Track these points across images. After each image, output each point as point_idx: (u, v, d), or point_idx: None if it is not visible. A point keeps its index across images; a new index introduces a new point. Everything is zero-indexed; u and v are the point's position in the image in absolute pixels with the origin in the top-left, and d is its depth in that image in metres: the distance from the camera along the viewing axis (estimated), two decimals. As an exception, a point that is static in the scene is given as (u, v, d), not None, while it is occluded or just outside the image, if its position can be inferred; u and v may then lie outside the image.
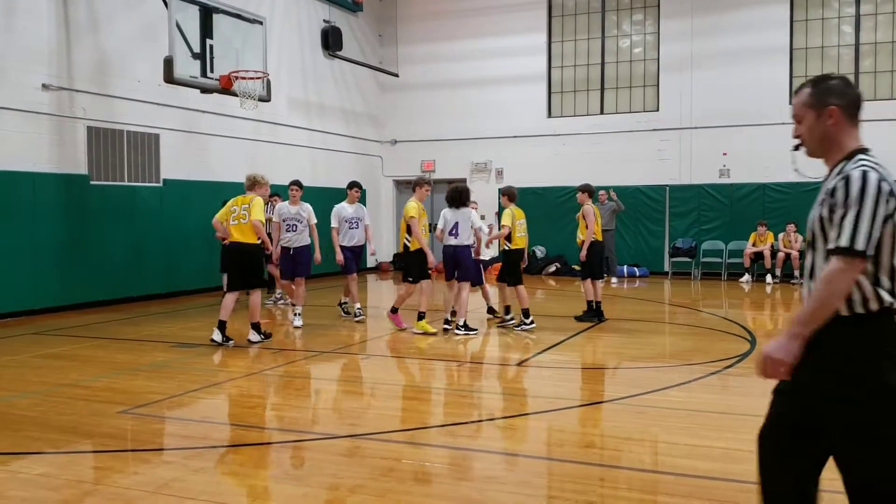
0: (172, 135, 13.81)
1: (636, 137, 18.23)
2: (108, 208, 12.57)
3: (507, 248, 10.40)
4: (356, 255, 11.19)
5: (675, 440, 5.25)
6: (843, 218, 2.48)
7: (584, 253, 10.71)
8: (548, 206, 18.78)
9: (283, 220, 10.58)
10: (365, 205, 19.56)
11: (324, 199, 17.21)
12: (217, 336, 8.90)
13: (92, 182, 12.33)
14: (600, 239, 10.95)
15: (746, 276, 16.49)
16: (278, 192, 13.12)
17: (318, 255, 10.68)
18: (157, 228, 13.49)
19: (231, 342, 8.91)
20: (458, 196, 10.07)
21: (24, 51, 11.27)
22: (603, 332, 9.98)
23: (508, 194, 10.59)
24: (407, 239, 10.00)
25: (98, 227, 12.36)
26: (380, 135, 20.62)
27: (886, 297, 2.49)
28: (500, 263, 10.87)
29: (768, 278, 16.23)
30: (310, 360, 8.33)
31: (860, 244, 2.42)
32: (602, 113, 18.98)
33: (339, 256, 10.75)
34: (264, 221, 8.97)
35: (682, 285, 16.23)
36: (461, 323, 9.69)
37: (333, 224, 10.88)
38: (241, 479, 4.49)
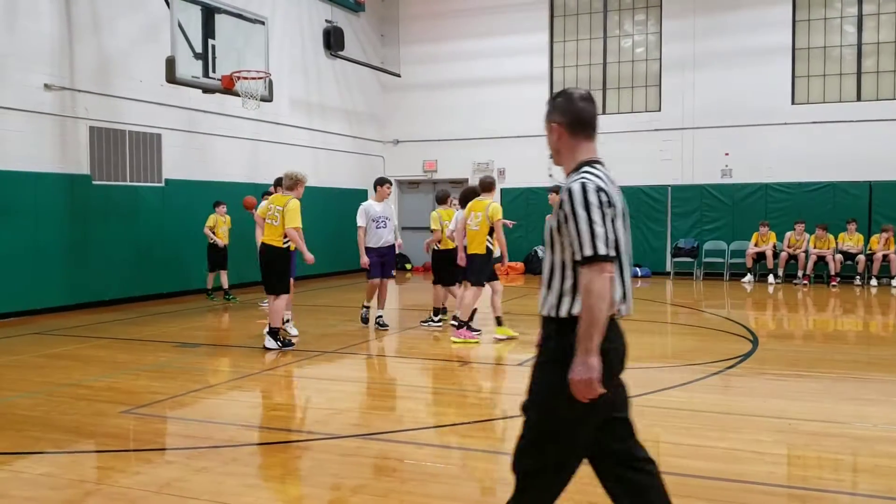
0: (174, 135, 13.81)
1: (638, 137, 18.21)
2: (110, 208, 12.58)
3: (436, 248, 10.39)
4: (384, 257, 10.26)
5: (676, 440, 5.24)
6: (577, 230, 2.65)
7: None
8: (549, 207, 18.71)
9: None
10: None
11: (326, 200, 17.25)
12: (270, 343, 8.52)
13: (94, 182, 12.34)
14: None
15: (749, 277, 16.47)
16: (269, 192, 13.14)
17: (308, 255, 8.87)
18: (159, 228, 13.50)
19: (290, 346, 8.70)
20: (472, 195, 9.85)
21: (26, 51, 11.28)
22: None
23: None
24: (490, 241, 9.30)
25: (100, 227, 12.37)
26: (381, 135, 20.62)
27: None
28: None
29: (770, 278, 16.21)
30: (312, 360, 8.33)
31: (602, 249, 2.61)
32: (604, 113, 18.94)
33: (364, 259, 10.04)
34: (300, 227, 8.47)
35: (684, 285, 16.22)
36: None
37: (360, 223, 10.10)
38: (243, 479, 4.49)
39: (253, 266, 13.80)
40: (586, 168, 2.84)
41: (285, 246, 8.58)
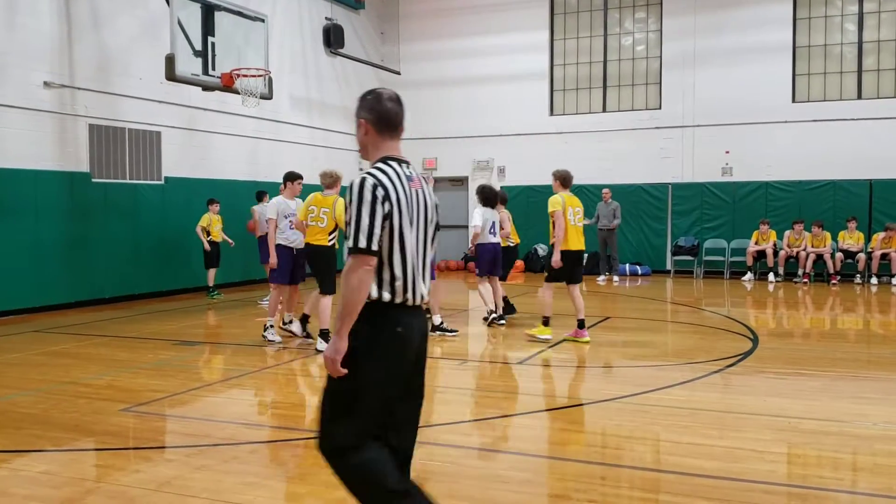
0: (174, 132, 13.80)
1: (638, 135, 18.20)
2: (109, 206, 12.58)
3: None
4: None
5: (677, 439, 5.24)
6: (349, 221, 2.89)
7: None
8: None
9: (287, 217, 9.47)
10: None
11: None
12: (322, 346, 8.31)
13: (94, 180, 12.33)
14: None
15: (749, 275, 16.46)
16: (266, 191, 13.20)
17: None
18: (159, 226, 13.49)
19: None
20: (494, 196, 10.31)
21: (25, 48, 11.26)
22: (605, 331, 9.96)
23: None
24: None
25: (100, 225, 12.37)
26: (382, 133, 20.57)
27: (374, 290, 2.91)
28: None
29: (771, 277, 16.20)
30: (312, 357, 8.32)
31: (362, 242, 2.84)
32: (604, 111, 18.95)
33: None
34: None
35: (684, 284, 16.21)
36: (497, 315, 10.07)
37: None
38: (242, 478, 4.48)
39: (254, 265, 13.81)
40: (378, 164, 3.04)
41: (330, 244, 8.62)
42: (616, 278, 16.61)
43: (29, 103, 11.30)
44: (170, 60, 10.96)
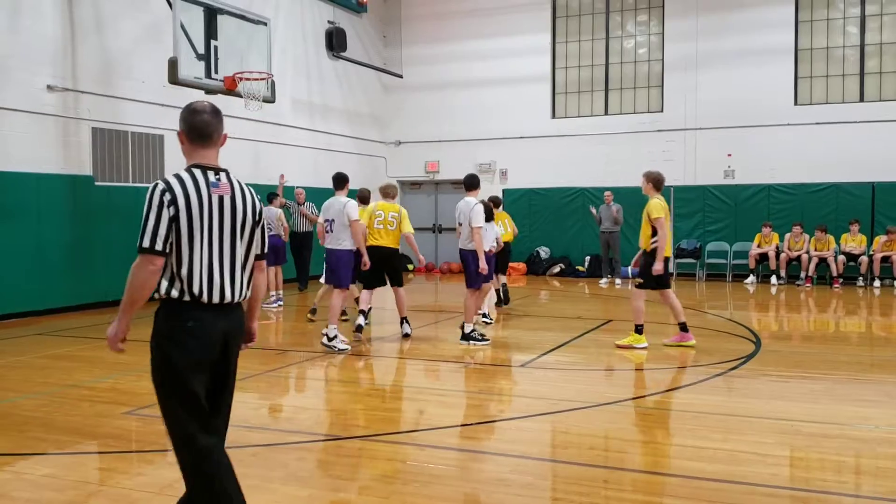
0: (177, 136, 13.81)
1: (640, 138, 18.20)
2: (112, 209, 12.59)
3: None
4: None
5: (680, 442, 5.24)
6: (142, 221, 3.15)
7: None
8: (552, 207, 18.79)
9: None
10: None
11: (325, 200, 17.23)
12: (361, 319, 9.39)
13: (96, 183, 12.35)
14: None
15: (751, 278, 16.45)
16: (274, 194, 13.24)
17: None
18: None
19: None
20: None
21: (28, 52, 11.29)
22: (607, 334, 9.96)
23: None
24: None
25: (103, 228, 12.38)
26: (383, 136, 20.63)
27: (164, 286, 3.18)
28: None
29: (773, 279, 16.19)
30: (314, 361, 8.33)
31: (146, 243, 3.09)
32: (606, 114, 18.95)
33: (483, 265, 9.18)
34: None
35: (686, 286, 16.20)
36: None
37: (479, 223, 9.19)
38: (245, 481, 4.47)
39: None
40: (179, 172, 3.26)
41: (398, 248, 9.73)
42: (618, 281, 16.61)
43: (32, 107, 11.32)
44: (172, 64, 10.98)
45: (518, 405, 6.66)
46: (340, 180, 9.18)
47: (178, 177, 3.21)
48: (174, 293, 3.19)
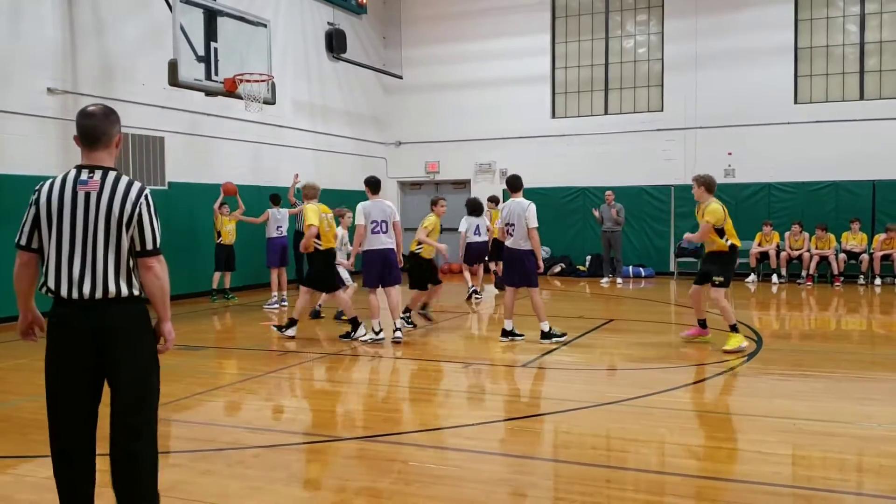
0: (177, 138, 13.83)
1: (641, 138, 18.20)
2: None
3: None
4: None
5: (681, 441, 5.24)
6: None
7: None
8: (552, 207, 18.74)
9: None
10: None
11: (328, 202, 17.24)
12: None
13: (97, 185, 12.33)
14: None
15: (752, 276, 16.44)
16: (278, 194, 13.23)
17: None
18: (162, 231, 13.27)
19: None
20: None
21: (29, 55, 11.30)
22: (609, 333, 9.96)
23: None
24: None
25: (103, 231, 12.36)
26: (384, 136, 20.63)
27: (40, 281, 3.33)
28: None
29: (774, 278, 16.18)
30: (315, 362, 8.33)
31: (17, 238, 3.35)
32: (606, 113, 18.95)
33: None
34: None
35: (687, 285, 16.07)
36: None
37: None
38: (247, 482, 4.49)
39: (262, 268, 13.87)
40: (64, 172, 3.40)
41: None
42: (620, 280, 16.60)
43: (33, 110, 11.33)
44: (173, 66, 10.99)
45: (520, 405, 6.65)
46: (375, 184, 9.65)
47: (53, 178, 3.37)
48: (43, 289, 3.33)
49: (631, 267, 17.73)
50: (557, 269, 18.54)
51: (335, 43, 18.19)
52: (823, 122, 16.70)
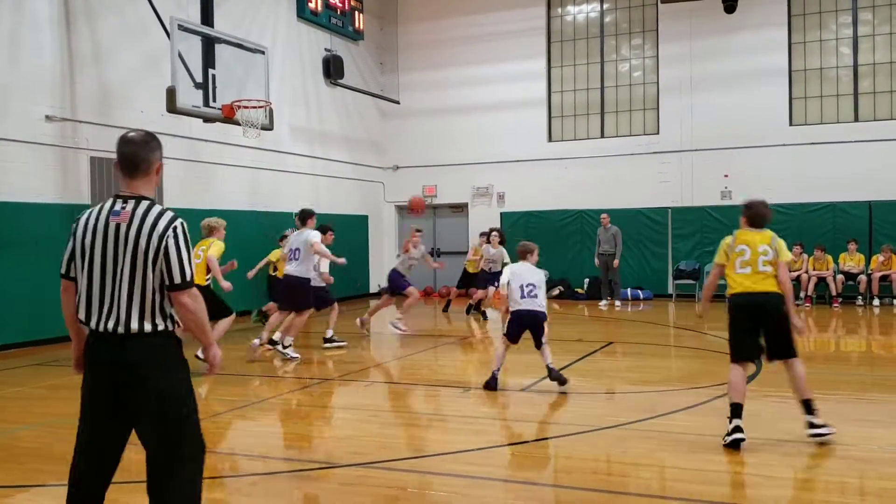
0: (175, 164, 13.85)
1: (637, 160, 18.28)
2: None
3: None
4: None
5: (683, 465, 5.21)
6: None
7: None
8: (550, 230, 18.79)
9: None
10: (368, 231, 19.78)
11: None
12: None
13: (95, 212, 12.34)
14: None
15: (750, 298, 16.40)
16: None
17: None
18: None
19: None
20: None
21: (27, 82, 11.36)
22: (608, 356, 9.93)
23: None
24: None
25: (101, 257, 12.36)
26: (381, 161, 20.70)
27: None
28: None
29: (772, 299, 16.15)
30: (311, 388, 8.29)
31: (60, 267, 3.40)
32: (602, 136, 19.05)
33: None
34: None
35: (686, 307, 16.18)
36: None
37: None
38: (245, 510, 4.45)
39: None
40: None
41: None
42: (618, 303, 16.58)
43: (31, 137, 11.37)
44: (171, 93, 11.04)
45: (520, 430, 6.62)
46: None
47: (94, 207, 3.36)
48: (79, 318, 3.32)
49: (629, 289, 17.72)
50: (556, 291, 18.49)
51: (333, 69, 18.31)
52: (819, 144, 16.79)
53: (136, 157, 3.36)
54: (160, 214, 3.27)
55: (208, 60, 11.67)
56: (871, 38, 16.90)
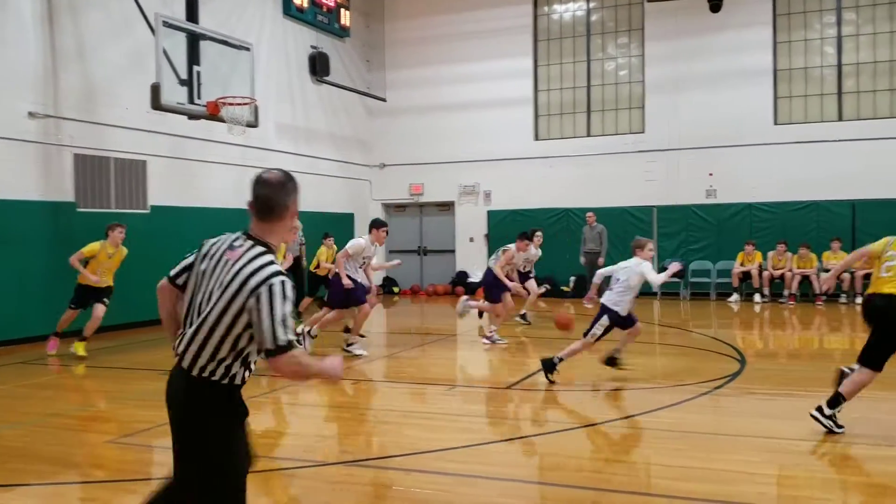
0: (160, 161, 13.78)
1: (623, 159, 18.33)
2: (95, 235, 12.47)
3: None
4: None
5: (667, 462, 5.23)
6: None
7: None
8: (536, 228, 18.79)
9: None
10: (354, 229, 19.74)
11: (312, 224, 17.22)
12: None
13: (79, 209, 12.27)
14: None
15: (735, 296, 16.53)
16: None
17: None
18: (144, 255, 13.36)
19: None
20: None
21: (10, 79, 11.25)
22: (594, 354, 9.95)
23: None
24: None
25: (85, 255, 12.27)
26: (368, 159, 20.66)
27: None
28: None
29: (757, 297, 16.27)
30: (297, 386, 8.26)
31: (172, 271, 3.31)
32: (588, 135, 19.09)
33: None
34: None
35: (670, 306, 16.26)
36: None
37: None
38: (230, 509, 4.42)
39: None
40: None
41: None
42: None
43: (14, 133, 11.26)
44: (155, 90, 10.97)
45: (505, 427, 6.63)
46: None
47: (226, 235, 3.19)
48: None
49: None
50: (542, 289, 18.52)
51: (318, 66, 18.25)
52: (803, 143, 16.90)
53: (271, 200, 3.13)
54: (259, 268, 2.93)
55: (193, 57, 11.61)
56: (854, 37, 17.02)
